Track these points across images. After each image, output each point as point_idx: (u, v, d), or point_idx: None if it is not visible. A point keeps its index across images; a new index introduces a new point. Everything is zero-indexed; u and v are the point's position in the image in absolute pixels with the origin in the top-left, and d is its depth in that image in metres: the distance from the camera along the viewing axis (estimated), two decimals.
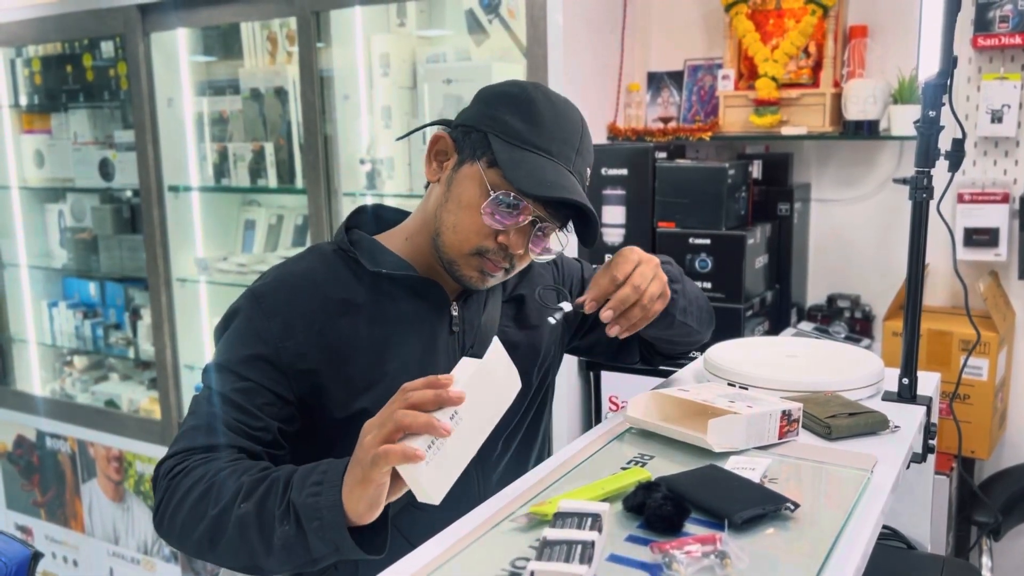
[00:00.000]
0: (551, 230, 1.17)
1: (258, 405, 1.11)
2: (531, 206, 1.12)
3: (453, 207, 1.15)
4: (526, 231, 1.14)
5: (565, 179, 1.12)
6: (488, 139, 1.12)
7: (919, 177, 1.35)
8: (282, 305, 1.15)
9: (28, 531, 3.66)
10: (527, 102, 1.14)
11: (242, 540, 1.00)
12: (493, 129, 1.12)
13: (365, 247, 1.21)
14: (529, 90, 1.15)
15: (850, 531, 0.94)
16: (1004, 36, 2.11)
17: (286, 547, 0.97)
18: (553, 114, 1.14)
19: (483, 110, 1.16)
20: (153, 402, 3.26)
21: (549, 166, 1.11)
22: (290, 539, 0.96)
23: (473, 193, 1.13)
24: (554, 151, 1.12)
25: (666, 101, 2.62)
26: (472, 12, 2.56)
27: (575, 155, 1.15)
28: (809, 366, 1.44)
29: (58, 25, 3.12)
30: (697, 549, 0.84)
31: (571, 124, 1.16)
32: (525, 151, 1.11)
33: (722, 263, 2.22)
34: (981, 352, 2.09)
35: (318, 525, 0.94)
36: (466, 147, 1.15)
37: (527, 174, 1.09)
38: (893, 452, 1.16)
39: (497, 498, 1.04)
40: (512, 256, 1.15)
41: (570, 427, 2.35)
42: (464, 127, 1.16)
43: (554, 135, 1.13)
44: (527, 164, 1.10)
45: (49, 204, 3.62)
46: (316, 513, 0.94)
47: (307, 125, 2.64)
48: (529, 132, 1.12)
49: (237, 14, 2.76)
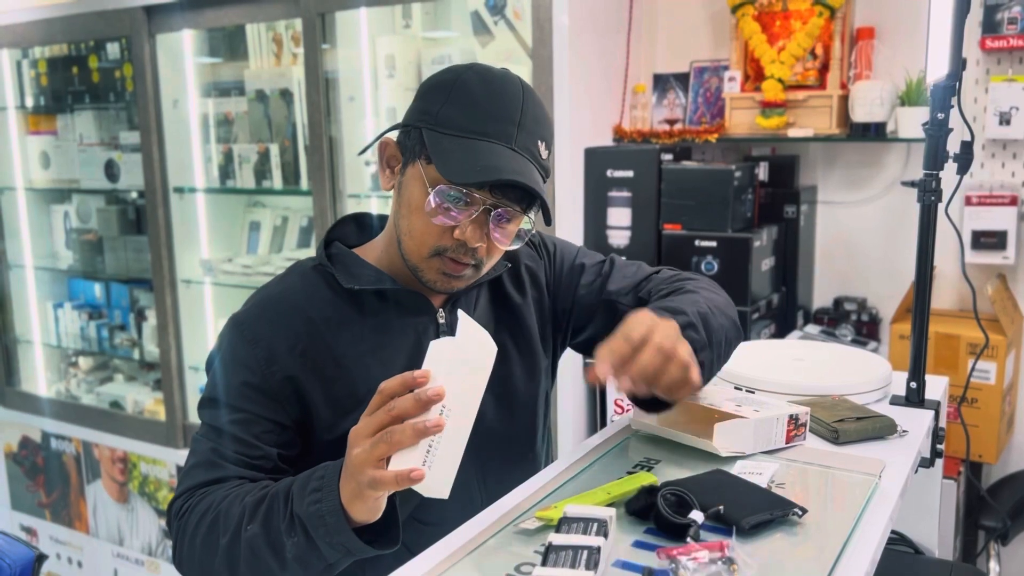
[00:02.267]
0: (513, 214, 1.10)
1: (255, 434, 1.10)
2: (478, 195, 1.06)
3: (405, 212, 1.11)
4: (480, 221, 1.08)
5: (503, 160, 1.05)
6: (423, 135, 1.08)
7: (927, 180, 1.35)
8: (264, 331, 1.13)
9: (33, 532, 3.66)
10: (458, 87, 1.08)
11: (257, 561, 1.00)
12: (427, 123, 1.08)
13: (342, 262, 1.18)
14: (461, 73, 1.10)
15: (858, 537, 0.93)
16: (1012, 38, 2.10)
17: (299, 559, 0.97)
18: (487, 93, 1.08)
19: (418, 106, 1.12)
20: (158, 403, 3.26)
21: (484, 149, 1.05)
22: (302, 550, 0.96)
23: (418, 193, 1.09)
24: (490, 131, 1.06)
25: (672, 103, 2.62)
26: (477, 14, 2.56)
27: (516, 130, 1.07)
28: (816, 370, 1.43)
29: (64, 27, 3.13)
30: (704, 555, 0.83)
31: (508, 100, 1.08)
32: (459, 139, 1.06)
33: (728, 266, 2.21)
34: (989, 356, 2.08)
35: (324, 532, 0.94)
36: (407, 148, 1.11)
37: (459, 163, 1.04)
38: (901, 457, 1.15)
39: (502, 503, 1.04)
40: (473, 250, 1.10)
41: (576, 431, 2.34)
42: (405, 128, 1.12)
43: (489, 115, 1.07)
44: (459, 152, 1.05)
45: (55, 205, 3.62)
46: (320, 521, 0.94)
47: (312, 126, 2.64)
48: (462, 118, 1.07)
49: (242, 16, 2.76)
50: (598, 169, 2.34)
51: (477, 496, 1.21)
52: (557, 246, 1.35)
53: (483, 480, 1.21)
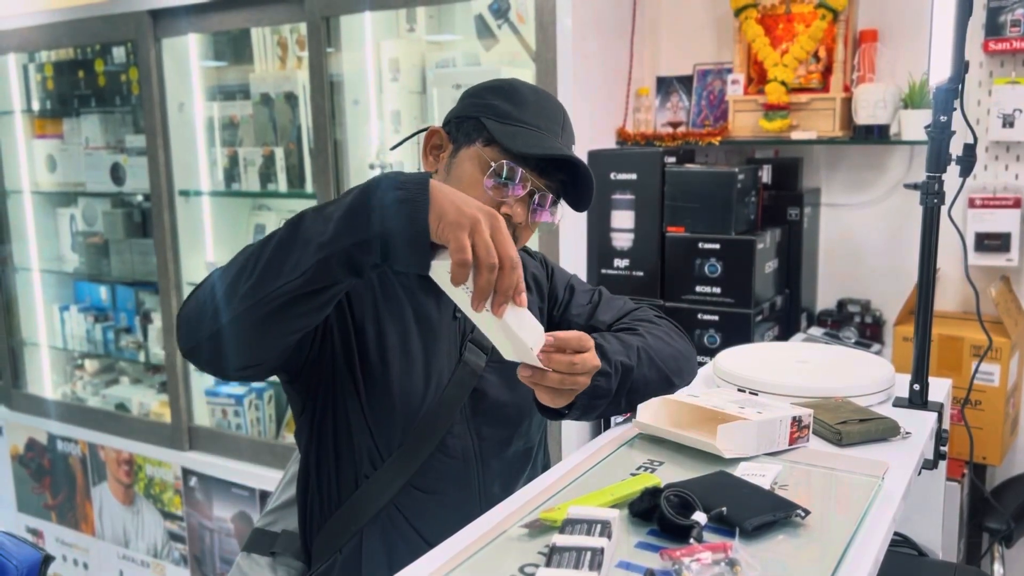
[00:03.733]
0: (547, 199, 1.23)
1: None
2: (528, 176, 1.19)
3: (454, 185, 1.18)
4: (526, 201, 1.21)
5: (555, 145, 1.20)
6: (481, 122, 1.21)
7: (930, 182, 1.35)
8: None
9: (39, 534, 3.68)
10: (512, 90, 1.24)
11: (237, 267, 1.00)
12: (485, 113, 1.21)
13: None
14: (511, 81, 1.26)
15: (861, 538, 0.93)
16: (1016, 40, 2.10)
17: (346, 216, 0.94)
18: (536, 98, 1.24)
19: (472, 101, 1.25)
20: (163, 406, 3.27)
21: (541, 136, 1.20)
22: (353, 208, 0.94)
23: (473, 171, 1.20)
24: (542, 126, 1.21)
25: (675, 106, 2.62)
26: (481, 17, 2.57)
27: (561, 131, 1.24)
28: (819, 372, 1.43)
29: (71, 31, 3.14)
30: (707, 556, 0.84)
31: (554, 107, 1.26)
32: (517, 127, 1.20)
33: (731, 268, 2.21)
34: (993, 358, 2.08)
35: (403, 194, 0.92)
36: (460, 135, 1.23)
37: (522, 141, 1.18)
38: (904, 458, 1.15)
39: (506, 504, 1.04)
40: (515, 227, 1.20)
41: (579, 433, 2.34)
42: (457, 119, 1.25)
43: (539, 114, 1.22)
44: (521, 135, 1.19)
45: (61, 208, 3.64)
46: (402, 184, 0.93)
47: (317, 130, 2.65)
48: (518, 112, 1.21)
49: (248, 20, 2.77)
50: (602, 172, 2.35)
51: (475, 473, 1.26)
52: (555, 268, 1.47)
53: (481, 457, 1.27)
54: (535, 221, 1.23)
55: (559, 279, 1.45)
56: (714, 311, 2.24)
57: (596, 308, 1.41)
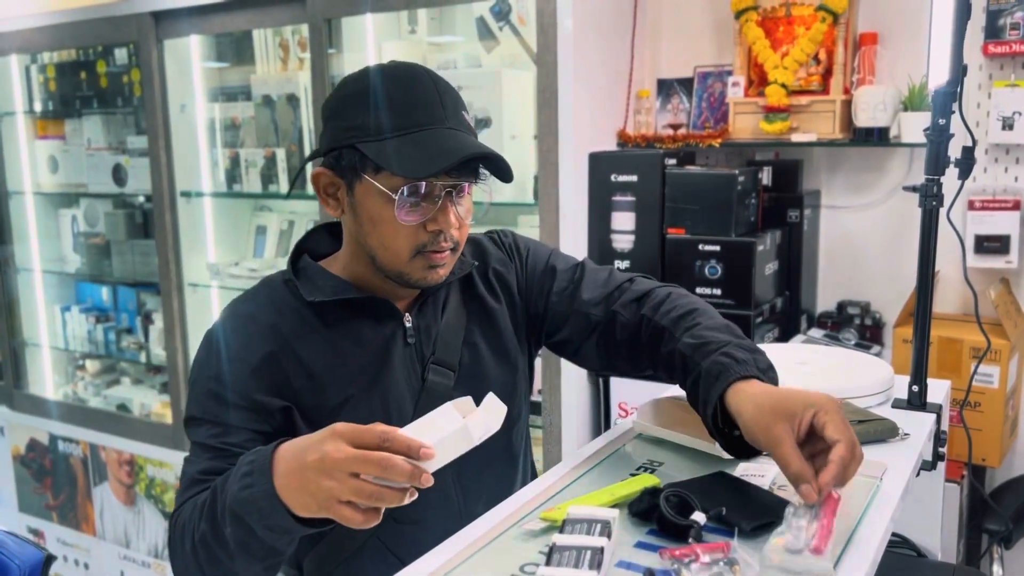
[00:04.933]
0: (463, 189, 1.13)
1: (235, 443, 1.10)
2: (439, 183, 1.09)
3: (370, 228, 1.12)
4: (446, 206, 1.11)
5: (447, 139, 1.08)
6: (357, 149, 1.09)
7: (929, 185, 1.35)
8: (236, 346, 1.14)
9: (40, 534, 3.68)
10: (367, 93, 1.10)
11: (211, 558, 1.01)
12: (356, 137, 1.09)
13: (307, 275, 1.19)
14: (365, 80, 1.12)
15: (860, 538, 0.94)
16: (1015, 43, 2.11)
17: (240, 545, 0.97)
18: (398, 88, 1.10)
19: (337, 124, 1.12)
20: (164, 406, 3.27)
21: (426, 137, 1.08)
22: (240, 537, 0.96)
23: (379, 205, 1.10)
24: (422, 120, 1.08)
25: (676, 108, 2.63)
26: (482, 19, 2.57)
27: (441, 110, 1.10)
28: (819, 373, 1.44)
29: (73, 32, 3.15)
30: (706, 556, 0.84)
31: (421, 85, 1.11)
32: (397, 138, 1.07)
33: (732, 270, 2.22)
34: (992, 359, 2.08)
35: (258, 516, 0.94)
36: (346, 169, 1.12)
37: (412, 158, 1.06)
38: (903, 459, 1.16)
39: (507, 503, 1.05)
40: (450, 235, 1.13)
41: (579, 433, 2.35)
42: (333, 151, 1.13)
43: (411, 106, 1.09)
44: (406, 150, 1.07)
45: (63, 209, 3.65)
46: (253, 505, 0.93)
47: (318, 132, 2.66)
48: (388, 118, 1.08)
49: (250, 21, 2.78)
50: (602, 173, 2.35)
51: (453, 494, 1.21)
52: (530, 249, 1.34)
53: (458, 478, 1.21)
54: (462, 211, 1.13)
55: (534, 263, 1.32)
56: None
57: (578, 288, 1.27)
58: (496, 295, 1.29)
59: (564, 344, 1.32)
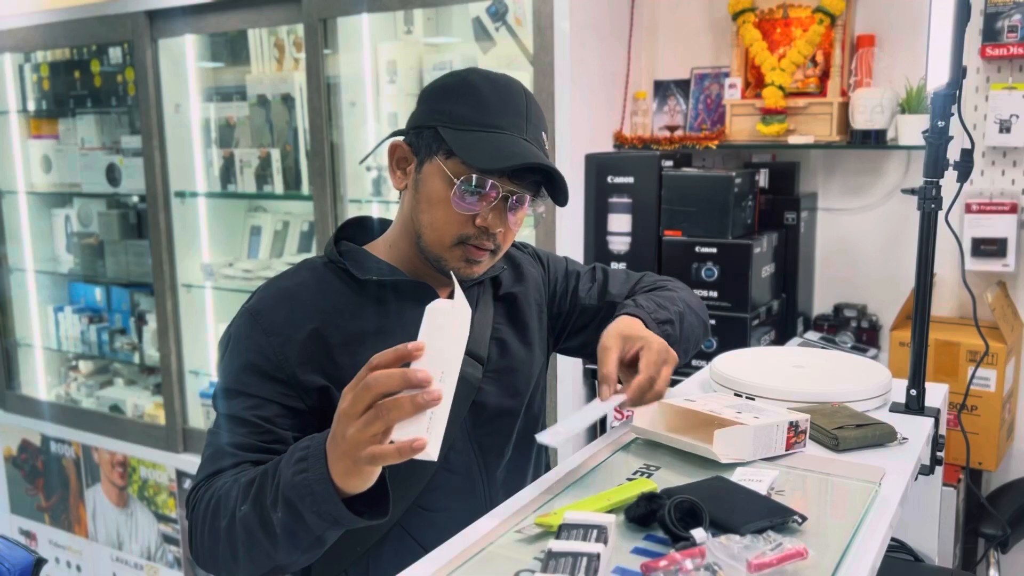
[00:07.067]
0: (524, 199, 1.18)
1: (268, 418, 1.11)
2: (497, 183, 1.14)
3: (425, 206, 1.17)
4: (500, 208, 1.16)
5: (521, 147, 1.14)
6: (439, 132, 1.15)
7: (927, 187, 1.35)
8: (279, 321, 1.15)
9: (32, 536, 3.66)
10: (467, 87, 1.17)
11: (252, 540, 0.99)
12: (441, 122, 1.15)
13: (354, 257, 1.23)
14: (466, 76, 1.19)
15: (858, 544, 0.93)
16: (1013, 46, 2.10)
17: (287, 532, 0.96)
18: (494, 91, 1.17)
19: (428, 107, 1.19)
20: (158, 407, 3.26)
21: (503, 140, 1.14)
22: (289, 524, 0.95)
23: (440, 187, 1.15)
24: (504, 125, 1.15)
25: (673, 109, 2.62)
26: (479, 20, 2.57)
27: (525, 123, 1.17)
28: (816, 377, 1.43)
29: (67, 31, 3.14)
30: (688, 564, 0.83)
31: (514, 96, 1.18)
32: (476, 132, 1.14)
33: (728, 272, 2.21)
34: (989, 363, 2.08)
35: (311, 501, 0.92)
36: (422, 147, 1.17)
37: (483, 153, 1.12)
38: (901, 464, 1.15)
39: (502, 508, 1.04)
40: (494, 236, 1.17)
41: (576, 437, 2.34)
42: (416, 130, 1.19)
43: (500, 110, 1.16)
44: (481, 144, 1.13)
45: (56, 209, 3.63)
46: (307, 490, 0.92)
47: (313, 132, 2.65)
48: (475, 114, 1.15)
49: (245, 21, 2.77)
50: (599, 175, 2.35)
51: (480, 486, 1.24)
52: (549, 257, 1.46)
53: (485, 468, 1.25)
54: (513, 221, 1.19)
55: (555, 268, 1.44)
56: (711, 315, 2.23)
57: (605, 284, 1.43)
58: (527, 291, 1.37)
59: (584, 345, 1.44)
